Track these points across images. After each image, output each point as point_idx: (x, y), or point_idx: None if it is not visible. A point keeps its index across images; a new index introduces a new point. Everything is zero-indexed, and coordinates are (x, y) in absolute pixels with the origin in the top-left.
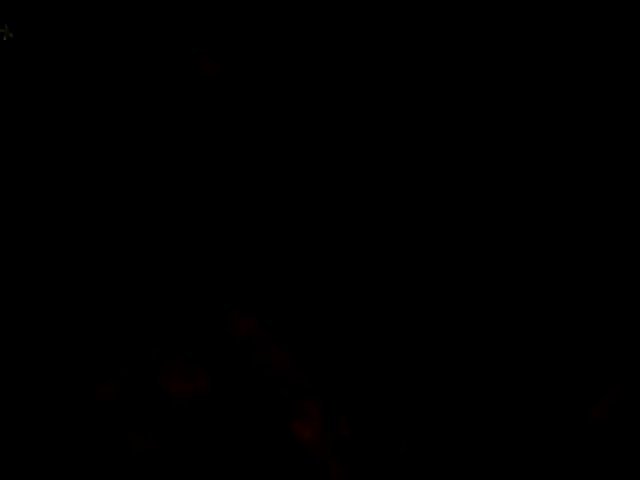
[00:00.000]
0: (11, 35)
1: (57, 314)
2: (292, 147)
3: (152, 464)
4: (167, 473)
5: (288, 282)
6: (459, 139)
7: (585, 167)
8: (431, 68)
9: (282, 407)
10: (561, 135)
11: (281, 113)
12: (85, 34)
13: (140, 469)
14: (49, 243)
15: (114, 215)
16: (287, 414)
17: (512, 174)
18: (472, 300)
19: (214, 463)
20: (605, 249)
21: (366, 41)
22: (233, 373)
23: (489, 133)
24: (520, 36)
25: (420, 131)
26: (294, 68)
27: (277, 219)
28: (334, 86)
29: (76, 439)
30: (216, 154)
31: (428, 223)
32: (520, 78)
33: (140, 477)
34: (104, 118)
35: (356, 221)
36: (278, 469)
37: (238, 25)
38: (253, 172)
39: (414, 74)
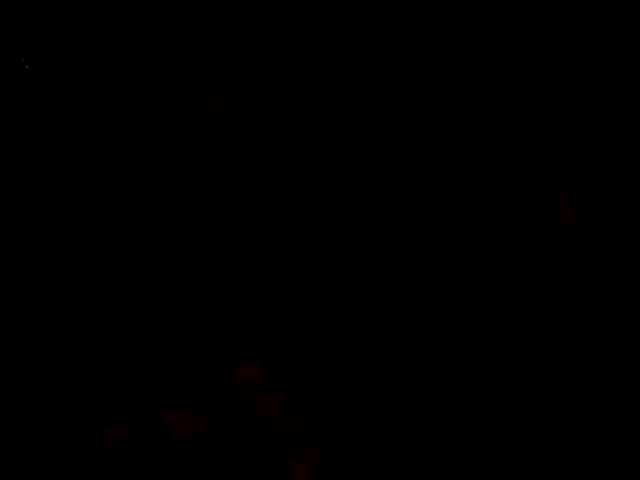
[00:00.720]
0: (27, 67)
1: (70, 358)
2: (299, 179)
3: None
4: None
5: (292, 328)
6: (458, 138)
7: (584, 166)
8: (430, 71)
9: (281, 449)
10: (561, 134)
11: (284, 144)
12: (100, 77)
13: None
14: (59, 285)
15: (124, 255)
16: (285, 456)
17: (512, 173)
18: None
19: None
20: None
21: (368, 78)
22: (235, 417)
23: (488, 132)
24: (519, 36)
25: (418, 136)
26: (296, 104)
27: (280, 262)
28: (333, 102)
29: (85, 478)
30: (228, 190)
31: (427, 242)
32: (519, 78)
33: None
34: (120, 149)
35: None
36: None
37: (244, 68)
38: (263, 214)
39: (412, 89)
